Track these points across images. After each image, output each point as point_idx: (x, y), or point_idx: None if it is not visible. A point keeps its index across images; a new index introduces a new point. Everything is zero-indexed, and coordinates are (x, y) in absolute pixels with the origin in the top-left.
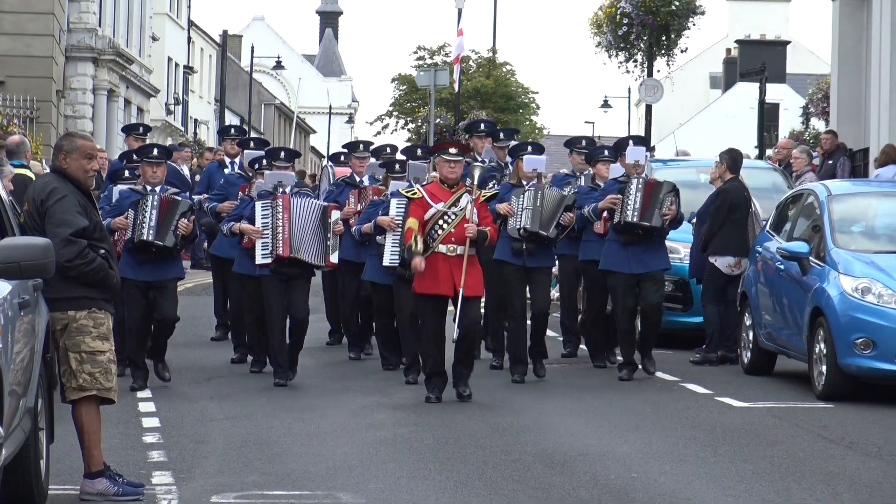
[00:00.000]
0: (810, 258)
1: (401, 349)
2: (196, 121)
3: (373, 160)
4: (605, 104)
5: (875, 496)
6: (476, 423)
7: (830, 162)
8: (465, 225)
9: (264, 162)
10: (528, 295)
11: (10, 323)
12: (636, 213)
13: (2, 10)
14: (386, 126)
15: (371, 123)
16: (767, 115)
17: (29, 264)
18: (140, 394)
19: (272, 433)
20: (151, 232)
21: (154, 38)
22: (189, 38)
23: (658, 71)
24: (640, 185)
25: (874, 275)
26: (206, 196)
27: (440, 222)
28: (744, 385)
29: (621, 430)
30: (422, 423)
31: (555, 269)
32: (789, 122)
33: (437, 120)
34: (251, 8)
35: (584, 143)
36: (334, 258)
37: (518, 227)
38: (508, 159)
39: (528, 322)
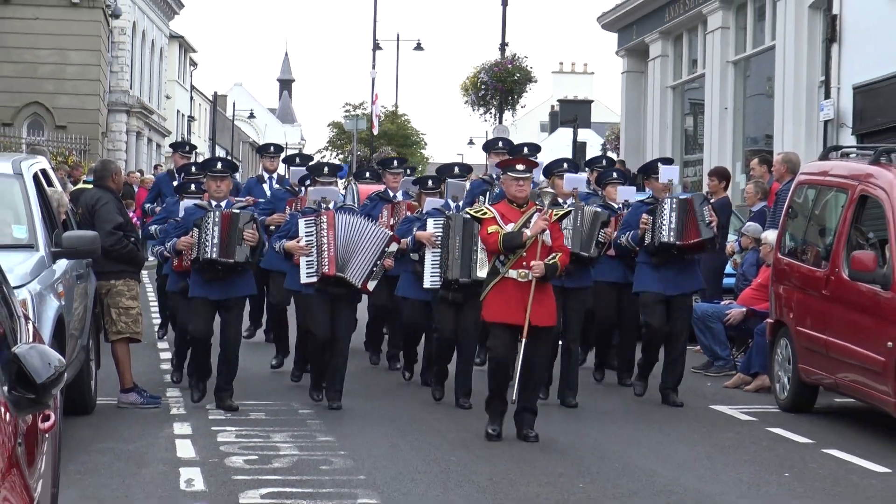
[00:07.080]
0: None
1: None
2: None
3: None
4: (471, 142)
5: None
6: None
7: None
8: (532, 263)
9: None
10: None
11: (70, 288)
12: (673, 233)
13: (66, 78)
14: (324, 157)
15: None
16: (578, 151)
17: (83, 249)
18: (159, 343)
19: (249, 363)
20: (215, 250)
21: (167, 97)
22: (191, 97)
23: (506, 119)
24: (674, 205)
25: None
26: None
27: None
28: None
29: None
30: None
31: None
32: (593, 155)
33: (358, 153)
34: (233, 76)
35: (604, 162)
36: (371, 285)
37: None
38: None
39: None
